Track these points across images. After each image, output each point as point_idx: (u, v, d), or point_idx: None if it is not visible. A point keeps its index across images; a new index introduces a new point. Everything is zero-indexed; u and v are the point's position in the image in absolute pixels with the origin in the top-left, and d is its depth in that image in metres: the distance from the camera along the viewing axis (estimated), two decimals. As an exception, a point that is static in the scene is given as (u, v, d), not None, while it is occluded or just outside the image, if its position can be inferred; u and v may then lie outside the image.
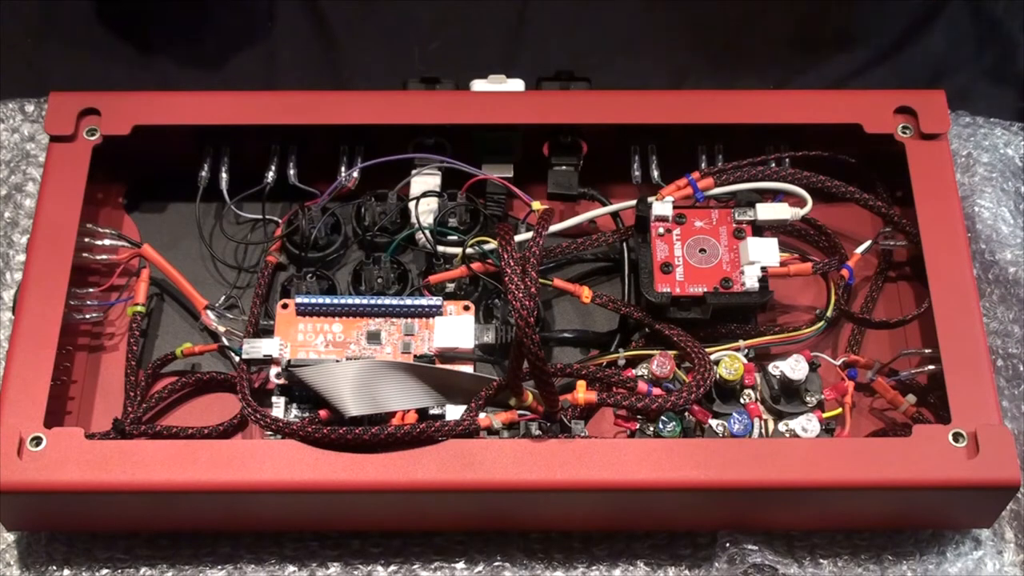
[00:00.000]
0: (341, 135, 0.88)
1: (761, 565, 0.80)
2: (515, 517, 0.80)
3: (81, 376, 0.84)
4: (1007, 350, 0.88)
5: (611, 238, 0.86)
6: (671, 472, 0.74)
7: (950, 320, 0.79)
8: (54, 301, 0.80)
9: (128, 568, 0.81)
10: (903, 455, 0.75)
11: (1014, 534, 0.82)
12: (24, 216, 0.93)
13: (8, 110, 0.98)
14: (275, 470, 0.74)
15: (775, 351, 0.83)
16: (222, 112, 0.87)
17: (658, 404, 0.77)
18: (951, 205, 0.83)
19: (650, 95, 0.89)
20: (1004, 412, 0.84)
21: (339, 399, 0.77)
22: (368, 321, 0.83)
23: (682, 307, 0.82)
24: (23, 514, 0.78)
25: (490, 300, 0.86)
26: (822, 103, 0.88)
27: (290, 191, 0.88)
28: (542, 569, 0.81)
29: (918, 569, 0.81)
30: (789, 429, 0.78)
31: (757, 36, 1.05)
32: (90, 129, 0.86)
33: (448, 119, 0.87)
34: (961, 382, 0.77)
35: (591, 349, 0.86)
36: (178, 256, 0.88)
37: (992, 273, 0.90)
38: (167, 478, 0.74)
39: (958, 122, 0.97)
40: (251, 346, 0.80)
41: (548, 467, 0.74)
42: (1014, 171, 0.95)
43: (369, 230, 0.88)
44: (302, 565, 0.81)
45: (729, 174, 0.84)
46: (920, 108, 0.86)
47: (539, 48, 1.04)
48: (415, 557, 0.81)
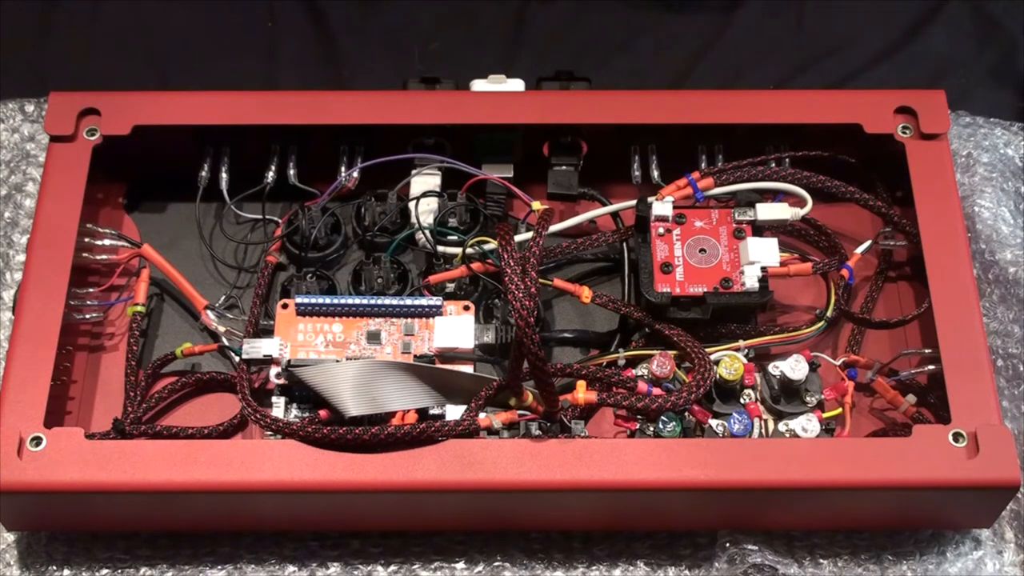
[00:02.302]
0: (341, 135, 0.88)
1: (761, 565, 0.80)
2: (515, 517, 0.80)
3: (81, 376, 0.84)
4: (1007, 350, 0.88)
5: (611, 238, 0.86)
6: (671, 472, 0.74)
7: (950, 320, 0.79)
8: (54, 301, 0.80)
9: (128, 568, 0.81)
10: (903, 455, 0.75)
11: (1014, 534, 0.82)
12: (24, 216, 0.93)
13: (8, 110, 0.98)
14: (275, 470, 0.74)
15: (775, 351, 0.83)
16: (222, 112, 0.87)
17: (658, 404, 0.77)
18: (951, 205, 0.83)
19: (650, 95, 0.89)
20: (1004, 412, 0.84)
21: (339, 399, 0.77)
22: (368, 321, 0.83)
23: (682, 307, 0.82)
24: (23, 514, 0.78)
25: (490, 300, 0.86)
26: (822, 103, 0.87)
27: (290, 191, 0.88)
28: (542, 569, 0.81)
29: (918, 569, 0.81)
30: (789, 429, 0.78)
31: (757, 36, 1.05)
32: (90, 129, 0.86)
33: (448, 119, 0.87)
34: (961, 382, 0.77)
35: (591, 349, 0.86)
36: (178, 256, 0.88)
37: (992, 273, 0.90)
38: (167, 478, 0.74)
39: (958, 122, 0.97)
40: (251, 346, 0.80)
41: (548, 467, 0.74)
42: (1014, 171, 0.95)
43: (369, 230, 0.88)
44: (302, 565, 0.81)
45: (729, 174, 0.84)
46: (920, 108, 0.86)
47: (539, 48, 1.04)
48: (415, 557, 0.81)
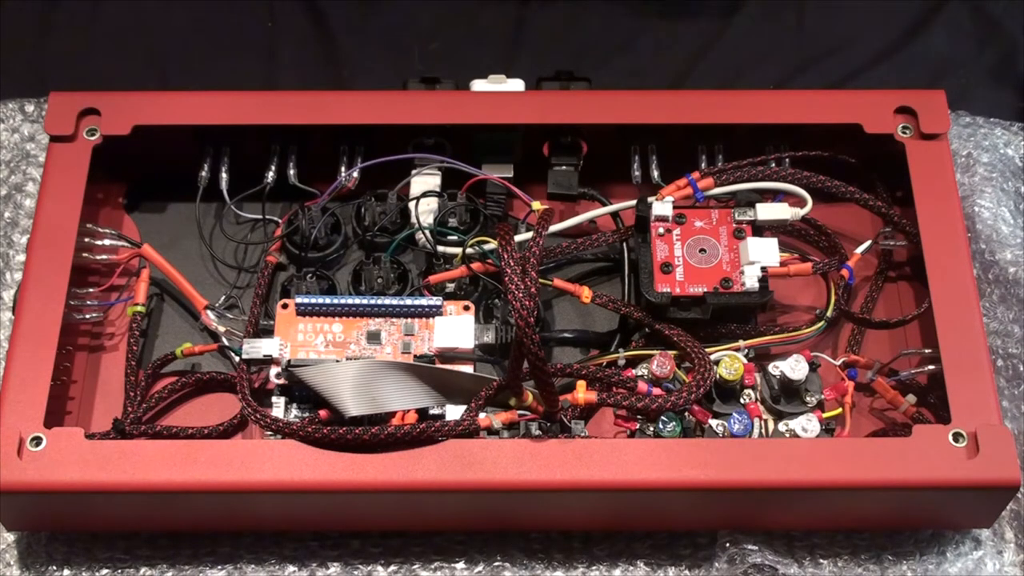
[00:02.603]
0: (341, 135, 0.88)
1: (761, 565, 0.80)
2: (515, 517, 0.80)
3: (81, 376, 0.84)
4: (1007, 350, 0.88)
5: (611, 238, 0.86)
6: (671, 472, 0.74)
7: (950, 320, 0.79)
8: (54, 301, 0.80)
9: (128, 568, 0.81)
10: (903, 455, 0.75)
11: (1014, 534, 0.82)
12: (24, 216, 0.93)
13: (8, 110, 0.98)
14: (275, 470, 0.74)
15: (775, 351, 0.83)
16: (222, 112, 0.87)
17: (658, 404, 0.77)
18: (951, 205, 0.83)
19: (650, 95, 0.89)
20: (1004, 412, 0.84)
21: (339, 399, 0.77)
22: (368, 321, 0.82)
23: (682, 307, 0.82)
24: (23, 514, 0.78)
25: (490, 300, 0.86)
26: (822, 103, 0.87)
27: (290, 191, 0.88)
28: (542, 569, 0.81)
29: (918, 569, 0.81)
30: (789, 429, 0.78)
31: (757, 36, 1.05)
32: (90, 129, 0.86)
33: (448, 119, 0.87)
34: (961, 382, 0.77)
35: (591, 349, 0.86)
36: (178, 256, 0.88)
37: (992, 273, 0.90)
38: (167, 478, 0.74)
39: (958, 122, 0.97)
40: (251, 346, 0.80)
41: (548, 467, 0.74)
42: (1014, 171, 0.95)
43: (369, 230, 0.88)
44: (302, 565, 0.81)
45: (729, 174, 0.84)
46: (920, 108, 0.86)
47: (539, 48, 1.04)
48: (415, 557, 0.81)
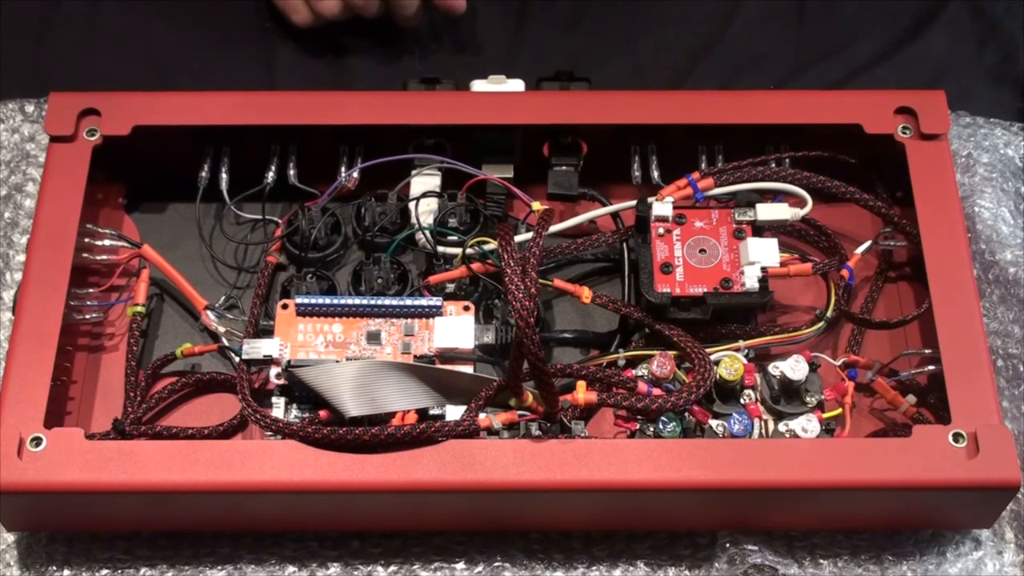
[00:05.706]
0: (341, 135, 0.88)
1: (761, 565, 0.80)
2: (515, 517, 0.80)
3: (81, 376, 0.84)
4: (1007, 350, 0.88)
5: (611, 238, 0.86)
6: (671, 472, 0.74)
7: (950, 320, 0.79)
8: (54, 301, 0.80)
9: (128, 568, 0.81)
10: (903, 455, 0.75)
11: (1014, 534, 0.82)
12: (24, 216, 0.93)
13: (8, 110, 0.98)
14: (275, 470, 0.74)
15: (775, 351, 0.83)
16: (222, 112, 0.87)
17: (658, 404, 0.77)
18: (951, 205, 0.83)
19: (650, 95, 0.89)
20: (1004, 412, 0.84)
21: (339, 399, 0.77)
22: (368, 321, 0.82)
23: (682, 307, 0.82)
24: (23, 514, 0.78)
25: (490, 300, 0.86)
26: (822, 103, 0.88)
27: (290, 191, 0.88)
28: (542, 569, 0.81)
29: (918, 569, 0.81)
30: (789, 429, 0.78)
31: (757, 36, 1.05)
32: (90, 129, 0.86)
33: (448, 119, 0.87)
34: (961, 382, 0.77)
35: (591, 349, 0.86)
36: (178, 256, 0.88)
37: (992, 273, 0.90)
38: (167, 478, 0.74)
39: (958, 122, 0.97)
40: (251, 346, 0.80)
41: (548, 467, 0.74)
42: (1014, 171, 0.95)
43: (369, 230, 0.88)
44: (302, 565, 0.81)
45: (729, 174, 0.84)
46: (920, 108, 0.86)
47: (539, 48, 1.04)
48: (415, 557, 0.81)
